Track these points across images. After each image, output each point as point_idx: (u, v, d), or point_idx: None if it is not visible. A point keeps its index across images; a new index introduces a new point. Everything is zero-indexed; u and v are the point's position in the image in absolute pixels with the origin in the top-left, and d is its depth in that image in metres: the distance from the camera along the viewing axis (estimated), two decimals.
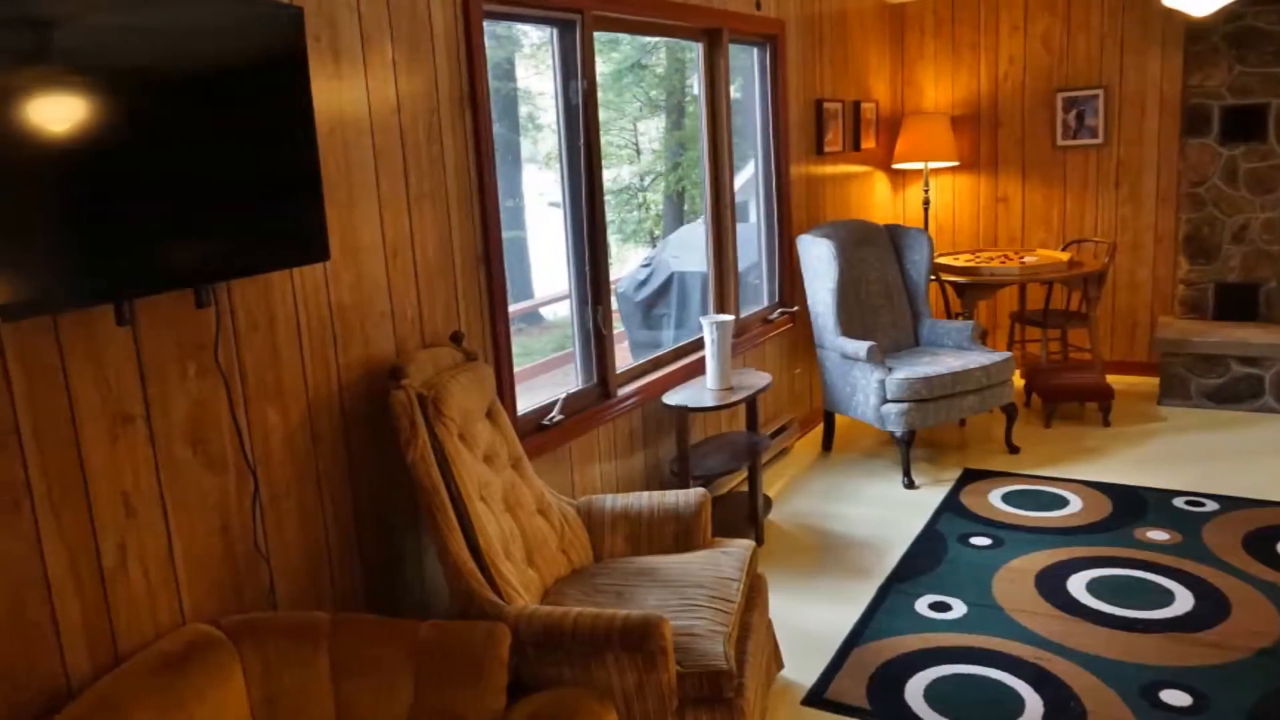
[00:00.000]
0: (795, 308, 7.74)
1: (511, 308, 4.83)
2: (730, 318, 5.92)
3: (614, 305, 5.97)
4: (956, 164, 9.44)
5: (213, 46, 3.05)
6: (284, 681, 3.16)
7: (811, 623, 5.03)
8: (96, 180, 2.71)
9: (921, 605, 5.12)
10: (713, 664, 3.55)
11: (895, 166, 9.43)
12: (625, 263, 13.75)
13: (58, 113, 2.60)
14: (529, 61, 12.55)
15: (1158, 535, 5.77)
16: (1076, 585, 5.23)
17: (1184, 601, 5.02)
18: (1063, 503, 6.34)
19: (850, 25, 8.55)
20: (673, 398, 5.74)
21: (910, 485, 6.79)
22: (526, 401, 5.04)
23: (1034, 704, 4.24)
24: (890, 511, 6.39)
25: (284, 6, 3.31)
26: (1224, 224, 8.37)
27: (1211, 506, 6.13)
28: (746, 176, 8.59)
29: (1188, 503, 6.21)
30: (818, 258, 7.10)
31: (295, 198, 3.37)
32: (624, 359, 6.12)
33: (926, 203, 9.32)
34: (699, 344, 6.56)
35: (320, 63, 3.67)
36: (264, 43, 3.22)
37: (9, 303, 2.52)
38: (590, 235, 5.41)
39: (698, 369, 6.24)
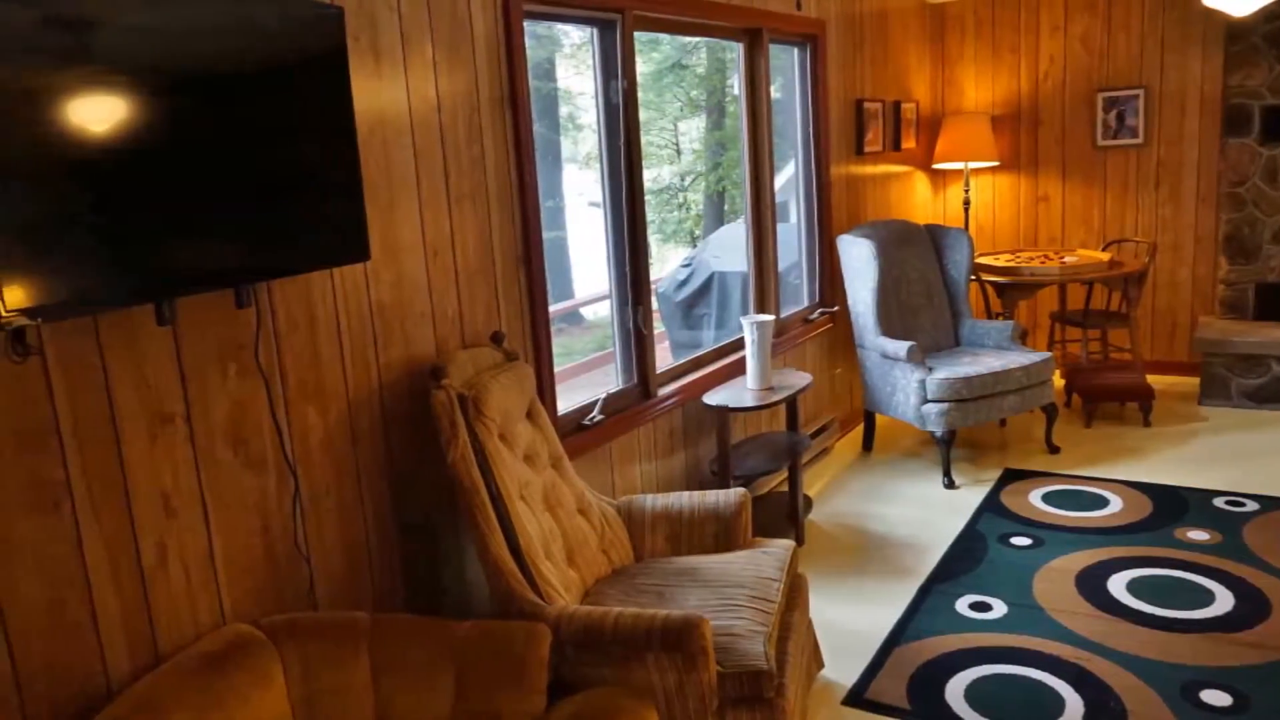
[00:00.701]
0: (835, 308, 7.75)
1: (552, 308, 4.86)
2: (770, 318, 5.93)
3: (654, 305, 5.98)
4: (997, 164, 9.42)
5: (253, 46, 3.05)
6: (324, 682, 3.17)
7: (852, 623, 5.05)
8: (137, 180, 2.72)
9: (962, 605, 5.14)
10: (753, 664, 3.57)
11: (935, 166, 9.42)
12: (666, 263, 13.73)
13: (99, 113, 2.61)
14: (569, 61, 12.56)
15: (1198, 535, 5.76)
16: (1117, 585, 5.23)
17: (1224, 601, 5.01)
18: (1103, 503, 6.33)
19: (891, 25, 8.55)
20: (713, 398, 5.75)
21: (950, 485, 6.80)
22: (567, 401, 5.08)
23: (1074, 704, 4.25)
24: (930, 511, 6.40)
25: (324, 6, 3.33)
26: (1264, 224, 8.32)
27: (1252, 506, 6.11)
28: (787, 176, 8.61)
29: (1228, 503, 6.19)
30: (858, 258, 7.11)
31: (335, 198, 3.37)
32: (664, 359, 6.14)
33: (967, 203, 9.30)
34: (739, 344, 6.58)
35: (360, 62, 3.69)
36: (304, 42, 3.23)
37: (50, 303, 2.53)
38: (630, 235, 5.44)
39: (738, 369, 6.25)
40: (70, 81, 2.54)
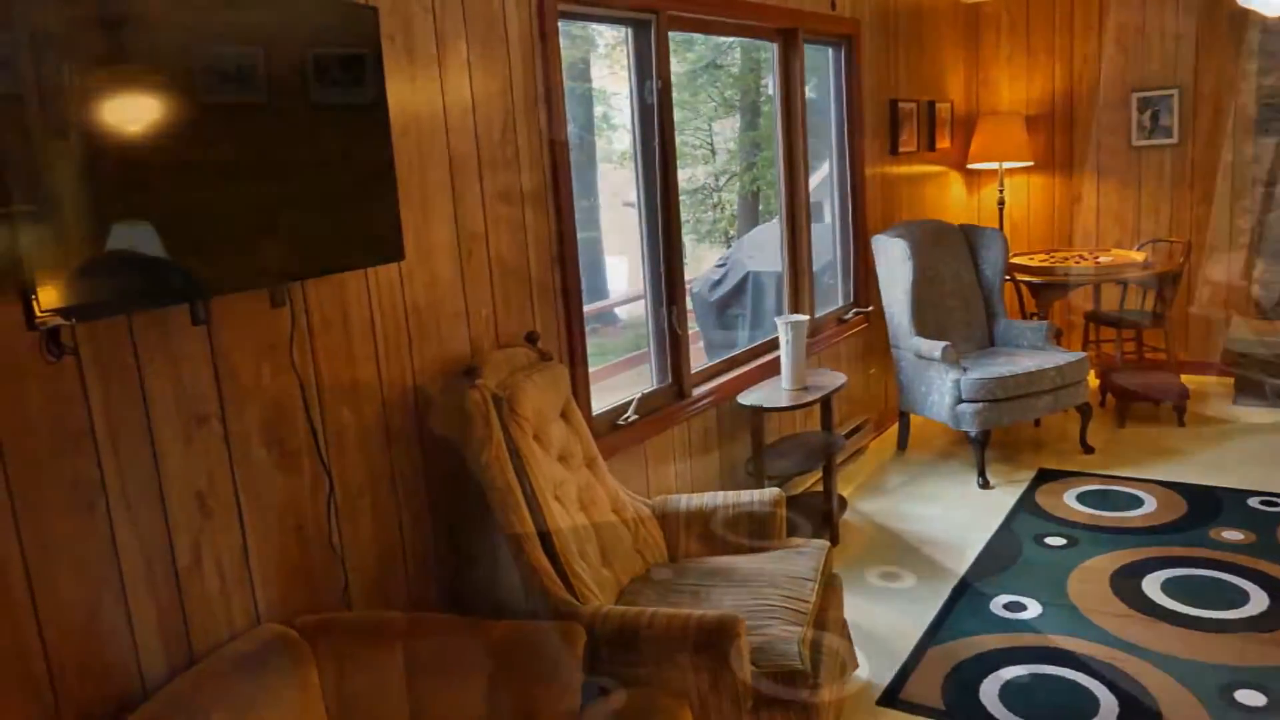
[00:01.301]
0: (870, 308, 7.75)
1: (586, 308, 4.87)
2: (805, 318, 5.95)
3: (689, 305, 6.00)
4: (1031, 164, 9.40)
5: (289, 47, 3.06)
6: (359, 681, 3.17)
7: (886, 623, 5.06)
8: (173, 180, 2.73)
9: (996, 605, 5.14)
10: (788, 664, 3.58)
11: (970, 166, 9.39)
12: (700, 263, 13.70)
13: (137, 112, 2.62)
14: (604, 61, 12.55)
15: (1232, 535, 5.75)
16: (1151, 585, 5.22)
17: (1259, 601, 5.00)
18: (1137, 503, 6.32)
19: (925, 25, 8.54)
20: (747, 397, 5.77)
21: (985, 485, 6.79)
22: (601, 401, 5.09)
23: (1109, 704, 4.25)
24: (965, 511, 6.40)
25: (359, 6, 3.35)
26: None
27: None
28: (821, 176, 8.60)
29: (1262, 502, 6.17)
30: (893, 258, 7.11)
31: (370, 198, 3.38)
32: (699, 359, 6.15)
33: (1001, 202, 9.27)
34: (774, 344, 6.57)
35: (395, 63, 3.68)
36: (339, 42, 3.24)
37: (86, 303, 2.54)
38: (665, 235, 5.46)
39: (772, 369, 6.26)
40: (109, 80, 2.56)
